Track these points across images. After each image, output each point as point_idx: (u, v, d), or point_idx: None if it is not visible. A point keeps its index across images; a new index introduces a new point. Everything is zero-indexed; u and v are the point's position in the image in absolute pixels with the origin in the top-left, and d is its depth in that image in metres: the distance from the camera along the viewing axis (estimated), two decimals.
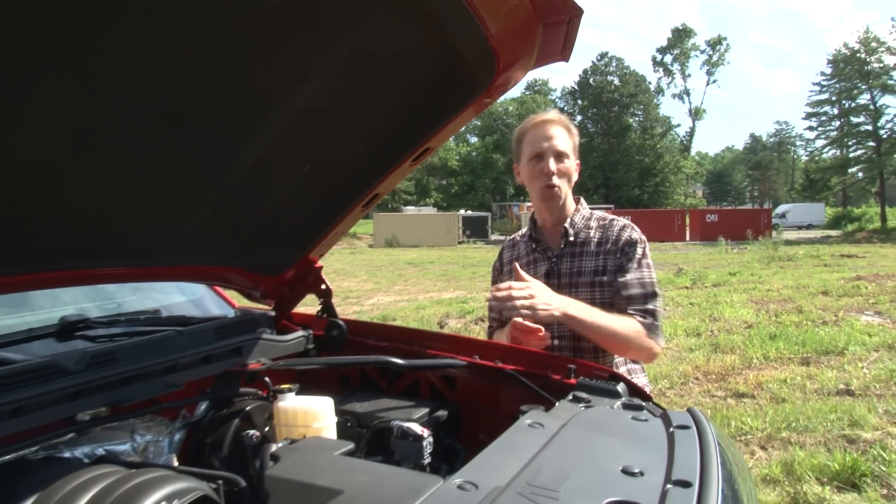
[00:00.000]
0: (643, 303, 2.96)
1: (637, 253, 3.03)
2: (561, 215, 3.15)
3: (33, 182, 1.68)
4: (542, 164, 3.04)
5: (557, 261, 3.10)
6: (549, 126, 3.07)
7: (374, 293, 18.48)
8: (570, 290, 3.00)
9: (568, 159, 3.07)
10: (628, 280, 2.98)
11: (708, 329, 11.43)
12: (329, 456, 1.75)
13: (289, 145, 2.08)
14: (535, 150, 3.06)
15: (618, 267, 3.01)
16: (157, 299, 3.09)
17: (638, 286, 2.98)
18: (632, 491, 1.41)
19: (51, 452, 1.91)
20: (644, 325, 2.90)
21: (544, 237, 3.20)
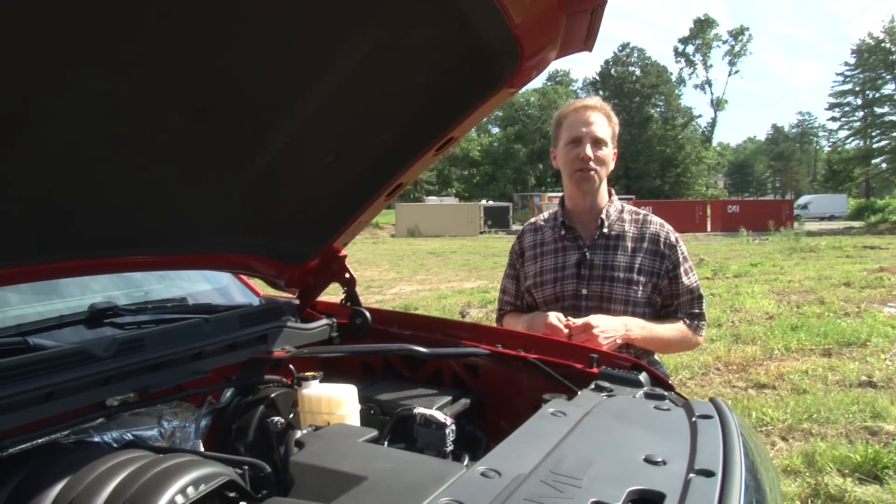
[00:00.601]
0: (691, 307, 3.07)
1: (679, 257, 3.08)
2: (594, 203, 3.13)
3: (67, 171, 1.71)
4: (578, 149, 3.03)
5: (590, 251, 3.08)
6: (590, 112, 3.06)
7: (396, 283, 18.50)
8: (601, 283, 3.00)
9: (606, 147, 3.05)
10: (679, 289, 3.06)
11: (729, 320, 11.35)
12: (353, 443, 1.77)
13: (313, 135, 2.09)
14: (573, 134, 3.05)
15: (662, 271, 3.04)
16: (183, 287, 3.13)
17: (687, 293, 3.07)
18: (655, 479, 1.42)
19: (81, 437, 1.95)
20: (690, 326, 3.01)
21: (576, 225, 3.18)
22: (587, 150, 3.01)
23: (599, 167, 3.05)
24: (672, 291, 3.04)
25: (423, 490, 1.38)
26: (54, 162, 1.66)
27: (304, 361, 2.55)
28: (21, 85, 1.39)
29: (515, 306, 3.33)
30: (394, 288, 17.45)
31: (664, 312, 3.10)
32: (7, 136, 1.49)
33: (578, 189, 3.11)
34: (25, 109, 1.45)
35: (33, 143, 1.56)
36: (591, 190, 3.09)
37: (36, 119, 1.49)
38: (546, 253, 3.20)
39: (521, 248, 3.35)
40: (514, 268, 3.36)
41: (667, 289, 3.03)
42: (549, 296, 3.10)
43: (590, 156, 3.01)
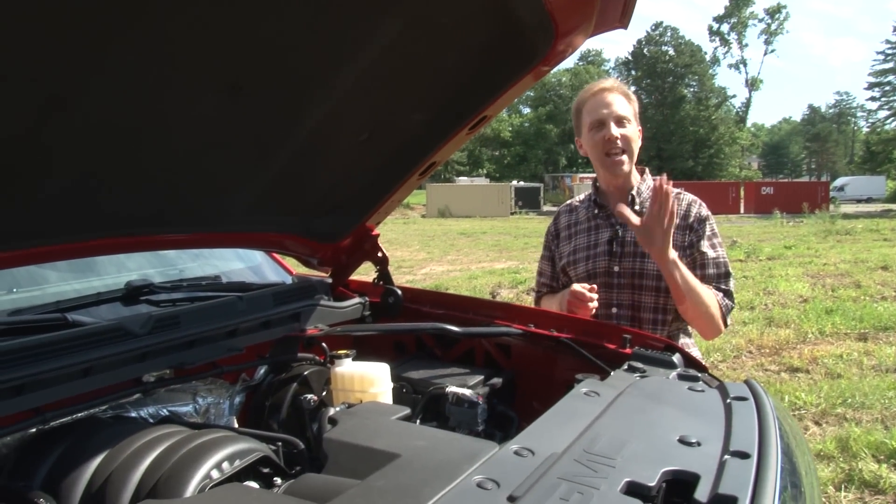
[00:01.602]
0: (717, 282, 2.97)
1: (707, 231, 3.01)
2: (626, 182, 3.10)
3: (104, 151, 1.72)
4: (603, 132, 2.99)
5: (622, 228, 3.06)
6: (607, 94, 3.03)
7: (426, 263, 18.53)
8: (633, 260, 2.98)
9: (630, 124, 3.02)
10: (703, 260, 2.98)
11: (762, 302, 11.23)
12: (386, 420, 1.77)
13: (347, 114, 2.09)
14: (595, 118, 3.01)
15: (688, 244, 2.98)
16: (216, 266, 3.15)
17: (713, 266, 2.98)
18: (689, 460, 1.41)
19: (119, 412, 1.98)
20: (720, 301, 2.92)
21: (608, 203, 3.16)
22: (612, 131, 2.98)
23: (627, 146, 3.02)
24: (695, 262, 2.97)
25: (456, 468, 1.38)
26: (92, 141, 1.67)
27: (337, 340, 2.57)
28: (60, 66, 1.40)
29: (552, 288, 3.32)
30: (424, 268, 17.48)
31: None
32: (47, 117, 1.51)
33: (610, 172, 3.08)
34: (64, 90, 1.46)
35: (72, 124, 1.58)
36: (621, 172, 3.05)
37: (74, 99, 1.51)
38: (580, 232, 3.19)
39: (557, 230, 3.34)
40: (549, 249, 3.35)
41: (687, 260, 2.98)
42: (581, 273, 3.09)
43: (616, 135, 2.97)
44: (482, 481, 1.29)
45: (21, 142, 1.54)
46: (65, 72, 1.42)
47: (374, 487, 1.34)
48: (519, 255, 19.69)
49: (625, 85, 3.15)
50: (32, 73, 1.37)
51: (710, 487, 1.31)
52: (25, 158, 1.59)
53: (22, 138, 1.53)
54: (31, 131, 1.53)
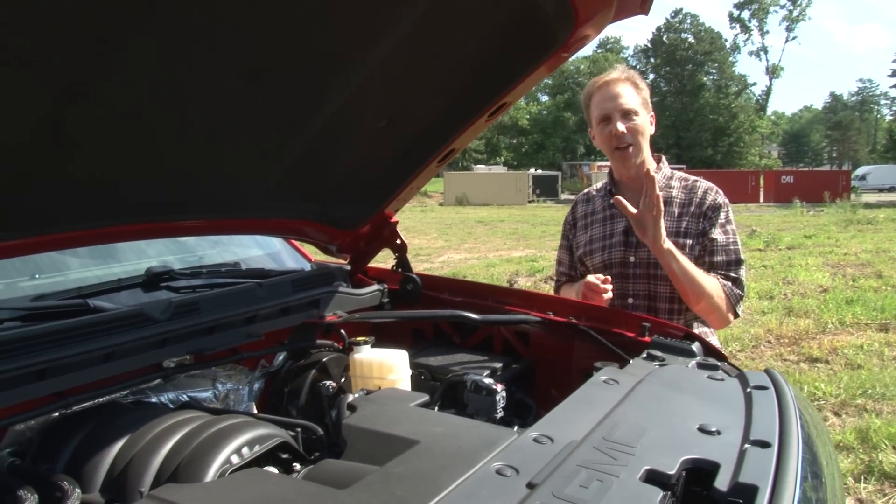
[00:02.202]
0: (726, 269, 2.94)
1: (720, 218, 2.98)
2: (640, 173, 3.08)
3: (124, 137, 1.73)
4: (610, 127, 2.98)
5: None
6: (614, 86, 3.00)
7: (444, 251, 18.52)
8: (648, 249, 2.96)
9: (637, 116, 2.99)
10: (713, 246, 2.95)
11: (781, 292, 11.14)
12: (405, 407, 1.78)
13: (366, 100, 2.09)
14: (601, 112, 3.00)
15: (701, 232, 2.96)
16: (235, 253, 3.16)
17: (722, 252, 2.95)
18: (709, 449, 1.41)
19: (139, 397, 1.99)
20: (725, 288, 2.89)
21: (623, 194, 3.14)
22: (618, 126, 2.96)
23: (635, 137, 3.00)
24: (704, 247, 2.95)
25: (476, 455, 1.38)
26: (113, 128, 1.68)
27: (355, 326, 2.57)
28: (81, 51, 1.40)
29: (570, 277, 3.31)
30: (442, 256, 17.48)
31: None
32: (68, 103, 1.51)
33: (620, 165, 3.07)
34: (85, 76, 1.47)
35: (93, 110, 1.58)
36: (633, 163, 3.04)
37: (95, 85, 1.51)
38: (595, 222, 3.19)
39: (574, 219, 3.33)
40: (567, 238, 3.35)
41: (699, 246, 2.96)
42: (597, 264, 3.08)
43: (622, 131, 2.96)
44: (501, 468, 1.29)
45: (42, 128, 1.54)
46: (86, 57, 1.42)
47: (393, 473, 1.34)
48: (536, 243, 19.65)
49: (633, 71, 3.13)
50: (54, 58, 1.38)
51: (730, 476, 1.30)
52: (47, 145, 1.60)
53: (43, 125, 1.54)
54: (52, 117, 1.53)
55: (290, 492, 1.31)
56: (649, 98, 3.09)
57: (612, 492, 1.20)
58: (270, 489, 1.32)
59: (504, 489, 1.22)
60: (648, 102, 3.07)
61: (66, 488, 1.44)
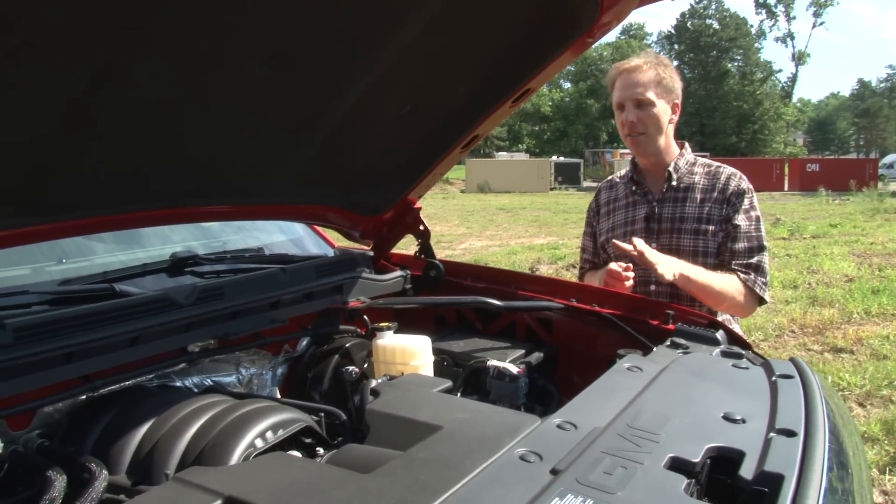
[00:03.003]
0: (747, 257, 2.91)
1: (744, 204, 2.95)
2: (659, 160, 3.06)
3: (149, 123, 1.74)
4: (623, 115, 2.98)
5: (658, 205, 3.03)
6: (634, 73, 2.97)
7: (465, 238, 18.50)
8: (670, 236, 2.95)
9: (653, 107, 2.96)
10: (734, 233, 2.92)
11: (805, 281, 11.04)
12: (428, 392, 1.78)
13: (390, 86, 2.08)
14: (618, 100, 3.01)
15: (724, 218, 2.93)
16: (258, 238, 3.17)
17: (744, 239, 2.92)
18: (734, 437, 1.40)
19: (164, 381, 2.01)
20: (744, 281, 2.87)
21: (645, 180, 3.13)
22: (630, 116, 2.96)
23: (646, 129, 2.98)
24: (727, 234, 2.93)
25: (499, 441, 1.38)
26: (137, 113, 1.68)
27: (378, 312, 2.58)
28: (107, 37, 1.41)
29: (594, 264, 3.31)
30: (463, 243, 17.46)
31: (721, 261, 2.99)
32: (95, 88, 1.52)
33: (635, 152, 3.08)
34: (111, 62, 1.47)
35: (118, 96, 1.59)
36: (645, 151, 3.02)
37: (120, 72, 1.52)
38: (618, 208, 3.18)
39: (597, 206, 3.33)
40: (591, 225, 3.35)
41: (722, 233, 2.93)
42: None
43: (632, 121, 2.96)
44: (525, 454, 1.30)
45: (70, 115, 1.55)
46: (112, 44, 1.43)
47: (416, 458, 1.34)
48: (558, 230, 19.59)
49: (661, 57, 3.10)
50: (81, 45, 1.38)
51: (755, 465, 1.30)
52: (74, 132, 1.61)
53: (71, 112, 1.55)
54: (79, 104, 1.54)
55: (314, 475, 1.31)
56: (677, 86, 3.05)
57: (636, 479, 1.20)
58: (295, 473, 1.32)
59: (528, 475, 1.22)
60: (673, 90, 3.03)
61: (93, 470, 1.45)
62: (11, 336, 1.55)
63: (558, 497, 1.13)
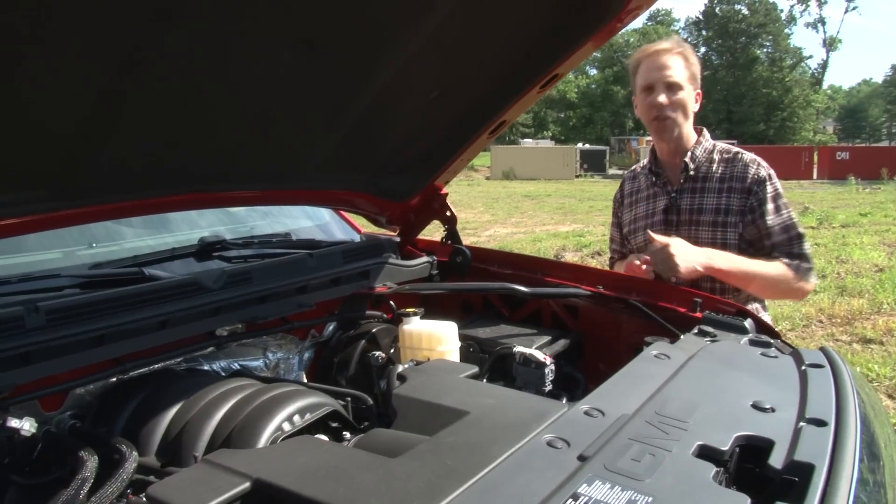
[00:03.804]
0: (789, 247, 2.87)
1: (768, 192, 2.89)
2: (678, 148, 3.02)
3: (179, 108, 1.74)
4: (651, 97, 2.93)
5: (677, 196, 2.99)
6: (663, 56, 2.94)
7: (490, 225, 18.49)
8: (689, 228, 2.92)
9: (682, 91, 2.92)
10: (769, 227, 2.87)
11: (834, 271, 10.91)
12: (455, 378, 1.78)
13: (418, 70, 2.08)
14: (646, 81, 2.95)
15: (748, 209, 2.88)
16: (285, 224, 3.19)
17: (780, 232, 2.88)
18: (763, 426, 1.39)
19: (192, 364, 2.03)
20: (790, 266, 2.82)
21: (664, 170, 3.09)
22: (660, 98, 2.91)
23: (676, 113, 2.94)
24: (760, 231, 2.88)
25: (526, 426, 1.38)
26: (167, 98, 1.69)
27: (405, 298, 2.58)
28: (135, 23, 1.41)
29: (622, 254, 3.30)
30: (488, 230, 17.44)
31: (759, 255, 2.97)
32: (123, 75, 1.53)
33: (658, 137, 3.03)
34: (141, 46, 1.48)
35: (147, 81, 1.59)
36: (670, 137, 2.98)
37: (148, 58, 1.52)
38: (639, 200, 3.15)
39: (621, 197, 3.31)
40: (616, 216, 3.34)
41: (751, 227, 2.89)
42: (640, 242, 3.05)
43: (663, 103, 2.91)
44: (552, 440, 1.29)
45: (102, 101, 1.56)
46: (141, 28, 1.43)
47: (443, 443, 1.34)
48: (584, 218, 19.51)
49: (686, 44, 3.06)
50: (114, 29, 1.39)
51: (784, 454, 1.28)
52: (103, 116, 1.62)
53: (103, 97, 1.56)
54: (108, 89, 1.55)
55: (341, 459, 1.32)
56: (699, 74, 3.02)
57: (664, 466, 1.19)
58: (322, 456, 1.33)
59: (555, 461, 1.22)
60: (697, 78, 3.00)
61: (123, 451, 1.47)
62: (44, 319, 1.58)
63: (586, 483, 1.12)
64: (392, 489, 1.15)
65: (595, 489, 1.11)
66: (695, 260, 2.64)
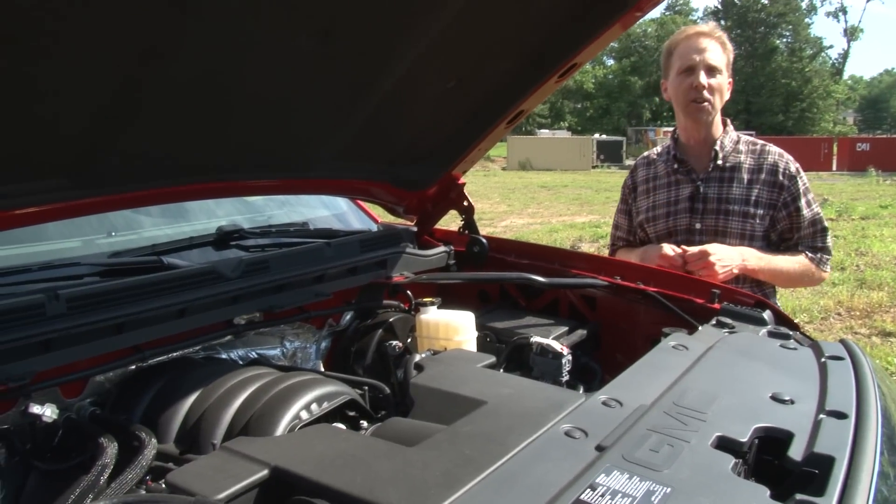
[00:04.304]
0: (813, 240, 2.94)
1: (801, 187, 2.94)
2: (708, 135, 3.01)
3: (197, 98, 1.75)
4: (691, 78, 2.91)
5: (703, 184, 2.99)
6: (703, 39, 2.93)
7: (506, 215, 18.46)
8: (716, 217, 2.91)
9: (720, 75, 2.93)
10: (801, 222, 2.93)
11: (853, 263, 10.82)
12: (472, 368, 1.78)
13: (436, 59, 2.07)
14: (685, 63, 2.93)
15: (780, 203, 2.91)
16: (302, 213, 3.19)
17: (809, 225, 2.94)
18: (782, 418, 1.38)
19: (210, 353, 2.04)
20: (813, 260, 2.90)
21: (688, 158, 3.08)
22: (701, 79, 2.89)
23: (713, 96, 2.93)
24: (792, 224, 2.91)
25: (543, 417, 1.38)
26: (184, 88, 1.69)
27: (422, 287, 2.59)
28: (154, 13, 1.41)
29: (628, 241, 3.28)
30: (504, 221, 17.42)
31: (784, 246, 2.99)
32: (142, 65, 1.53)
33: (692, 120, 3.00)
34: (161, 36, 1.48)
35: (167, 71, 1.60)
36: (705, 121, 2.97)
37: (167, 47, 1.52)
38: (659, 187, 3.13)
39: (634, 183, 3.28)
40: (626, 203, 3.30)
41: (785, 221, 2.91)
42: (661, 230, 3.04)
43: (704, 84, 2.89)
44: (570, 430, 1.29)
45: (119, 89, 1.57)
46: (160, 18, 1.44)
47: (461, 433, 1.35)
48: (600, 209, 19.43)
49: (723, 32, 3.04)
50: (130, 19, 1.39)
51: (804, 446, 1.28)
52: (122, 106, 1.62)
53: (120, 86, 1.56)
54: (128, 79, 1.55)
55: (359, 448, 1.32)
56: (732, 62, 3.02)
57: (682, 457, 1.19)
58: (340, 444, 1.33)
59: (572, 451, 1.22)
60: (731, 66, 3.00)
61: (143, 438, 1.48)
62: (65, 306, 1.59)
63: (604, 473, 1.12)
64: (409, 478, 1.16)
65: (613, 479, 1.11)
66: (732, 263, 2.70)
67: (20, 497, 1.52)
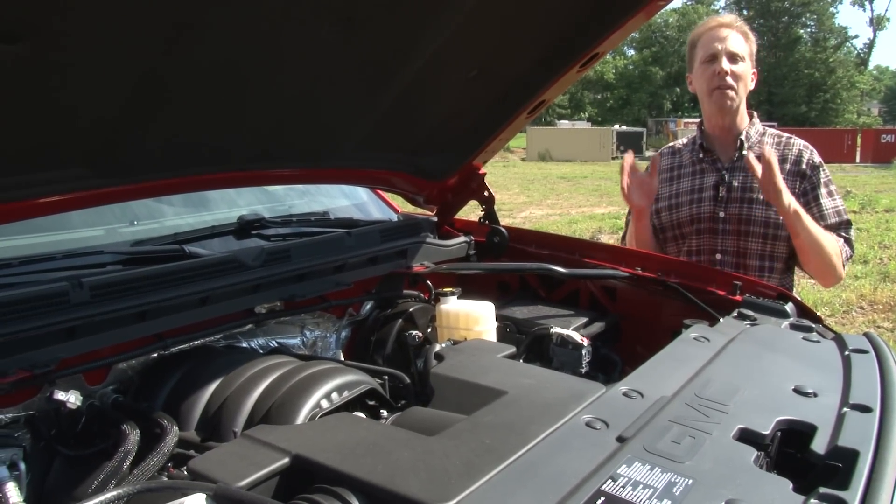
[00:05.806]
0: (837, 231, 2.91)
1: (822, 178, 2.94)
2: (734, 124, 3.01)
3: (221, 86, 1.75)
4: (714, 66, 2.91)
5: (728, 173, 2.97)
6: (725, 29, 2.95)
7: (526, 206, 18.42)
8: (740, 206, 2.90)
9: (743, 62, 2.92)
10: (823, 211, 2.91)
11: (877, 256, 10.71)
12: (492, 358, 1.78)
13: (457, 49, 2.06)
14: (708, 51, 2.94)
15: (799, 192, 2.90)
16: (323, 203, 3.19)
17: (834, 215, 2.92)
18: (805, 411, 1.37)
19: (231, 342, 2.05)
20: (841, 248, 2.86)
21: (714, 147, 3.07)
22: (723, 65, 2.90)
23: (737, 83, 2.92)
24: (812, 214, 2.87)
25: (564, 407, 1.38)
26: (208, 78, 1.70)
27: (442, 277, 2.59)
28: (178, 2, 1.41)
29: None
30: (524, 212, 17.39)
31: None
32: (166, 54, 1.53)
33: (717, 108, 2.99)
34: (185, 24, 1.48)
35: (190, 58, 1.60)
36: (729, 109, 2.96)
37: (190, 37, 1.52)
38: (683, 175, 3.12)
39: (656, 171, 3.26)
40: None
41: (805, 209, 2.88)
42: (684, 217, 3.03)
43: (726, 70, 2.90)
44: (591, 421, 1.29)
45: (143, 79, 1.57)
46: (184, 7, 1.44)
47: (481, 422, 1.35)
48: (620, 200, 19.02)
49: (745, 22, 3.03)
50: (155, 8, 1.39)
51: (827, 439, 1.27)
52: (146, 95, 1.63)
53: (143, 75, 1.56)
54: (151, 68, 1.56)
55: (380, 436, 1.32)
56: (755, 54, 3.01)
57: (704, 449, 1.19)
58: (361, 433, 1.34)
59: (593, 441, 1.22)
60: (754, 56, 3.00)
61: (164, 425, 1.49)
62: (88, 294, 1.60)
63: (625, 464, 1.12)
64: (430, 466, 1.16)
65: (634, 470, 1.11)
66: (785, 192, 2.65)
67: (45, 481, 1.54)
